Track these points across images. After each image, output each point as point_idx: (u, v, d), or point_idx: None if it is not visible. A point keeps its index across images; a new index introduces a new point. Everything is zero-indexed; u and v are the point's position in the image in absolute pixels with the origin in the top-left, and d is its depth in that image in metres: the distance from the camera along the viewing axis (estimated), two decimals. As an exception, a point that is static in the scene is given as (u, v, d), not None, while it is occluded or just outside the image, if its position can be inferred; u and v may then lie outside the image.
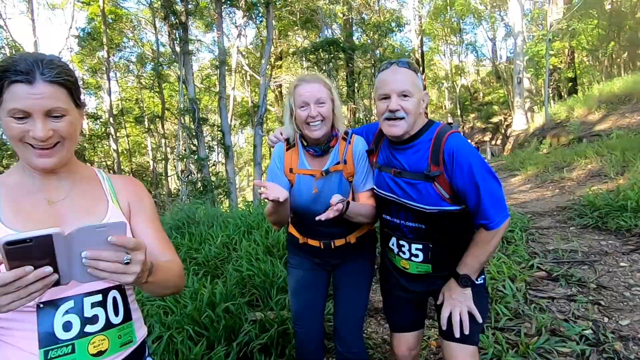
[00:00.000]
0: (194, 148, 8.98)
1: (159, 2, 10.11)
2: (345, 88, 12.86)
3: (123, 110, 18.60)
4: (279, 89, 17.31)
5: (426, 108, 1.38)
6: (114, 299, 0.86)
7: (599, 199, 4.31)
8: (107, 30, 14.81)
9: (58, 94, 0.79)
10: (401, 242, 1.41)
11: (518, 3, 14.45)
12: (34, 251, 0.60)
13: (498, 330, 2.29)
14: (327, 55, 11.45)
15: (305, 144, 1.49)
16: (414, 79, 1.30)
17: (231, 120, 13.75)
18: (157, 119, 17.61)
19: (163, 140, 18.83)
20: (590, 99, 11.72)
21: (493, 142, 20.00)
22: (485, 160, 1.34)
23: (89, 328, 0.81)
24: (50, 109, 0.78)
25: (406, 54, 16.71)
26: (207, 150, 8.97)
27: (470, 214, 1.30)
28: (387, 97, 1.30)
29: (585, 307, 2.51)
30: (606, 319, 2.38)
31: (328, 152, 1.48)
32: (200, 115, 9.28)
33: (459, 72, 25.45)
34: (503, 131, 19.86)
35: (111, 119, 15.53)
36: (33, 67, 0.77)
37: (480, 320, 1.32)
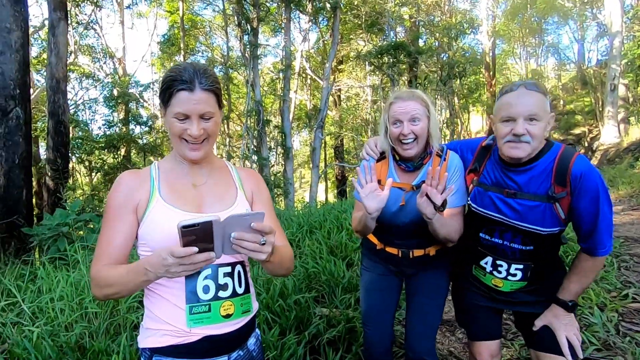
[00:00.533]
0: (255, 148, 9.34)
1: (232, 9, 10.67)
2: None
3: None
4: (338, 93, 17.45)
5: (551, 129, 1.33)
6: (239, 272, 1.03)
7: None
8: (185, 36, 16.01)
9: (210, 99, 0.98)
10: (499, 262, 1.40)
11: (616, -1, 12.68)
12: (199, 232, 0.80)
13: (584, 360, 2.05)
14: (390, 60, 11.14)
15: (397, 158, 1.50)
16: (543, 102, 1.25)
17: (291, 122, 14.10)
18: (224, 119, 18.78)
19: (227, 140, 19.98)
20: None
21: (574, 156, 17.86)
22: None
23: (221, 293, 0.99)
24: (204, 112, 0.97)
25: (477, 56, 15.62)
26: (268, 151, 9.26)
27: (579, 236, 1.31)
28: (511, 120, 1.26)
29: None
30: None
31: (420, 168, 1.48)
32: (264, 118, 9.62)
33: (537, 77, 23.20)
34: (586, 144, 17.67)
35: None
36: (193, 77, 0.95)
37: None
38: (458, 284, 1.62)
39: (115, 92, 14.16)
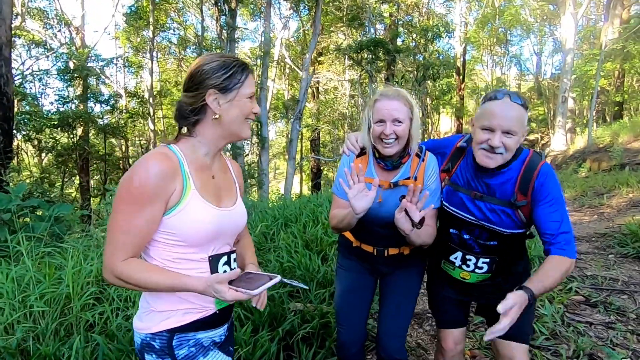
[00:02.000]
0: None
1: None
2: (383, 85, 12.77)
3: (162, 91, 18.62)
4: (317, 85, 17.14)
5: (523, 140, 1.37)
6: (235, 258, 1.17)
7: (643, 230, 4.25)
8: (154, 10, 14.78)
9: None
10: (468, 257, 1.48)
11: (572, 18, 13.88)
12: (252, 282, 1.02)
13: (535, 348, 2.37)
14: (370, 56, 11.37)
15: (377, 155, 1.50)
16: (523, 117, 1.29)
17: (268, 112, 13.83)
18: None
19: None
20: (637, 125, 11.27)
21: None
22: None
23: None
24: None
25: (450, 60, 16.37)
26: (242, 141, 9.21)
27: (545, 240, 1.32)
28: (490, 130, 1.28)
29: (624, 335, 2.55)
30: (646, 350, 2.43)
31: (398, 167, 1.49)
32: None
33: (500, 84, 24.69)
34: (539, 150, 19.23)
35: (151, 99, 15.63)
36: (248, 65, 1.10)
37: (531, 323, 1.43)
38: (430, 277, 1.68)
39: (71, 65, 12.84)
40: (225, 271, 1.09)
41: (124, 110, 15.10)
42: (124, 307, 2.23)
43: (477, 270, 1.48)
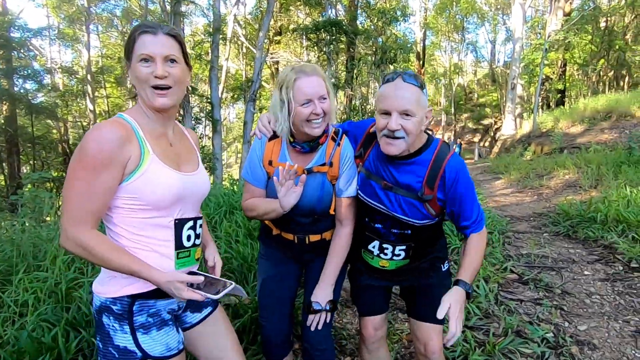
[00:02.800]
0: (180, 118, 8.65)
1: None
2: (344, 73, 12.63)
3: (103, 68, 17.32)
4: (276, 66, 16.70)
5: (429, 124, 1.33)
6: (200, 225, 1.19)
7: (572, 209, 4.52)
8: None
9: (173, 45, 1.04)
10: (385, 246, 1.44)
11: (521, 8, 14.44)
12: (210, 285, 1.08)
13: (468, 329, 2.39)
14: (328, 37, 11.12)
15: (291, 139, 1.38)
16: (419, 97, 1.23)
17: (222, 92, 13.25)
18: None
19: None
20: (575, 112, 12.08)
21: (482, 144, 20.39)
22: (473, 161, 1.43)
23: (196, 241, 1.17)
24: (167, 54, 1.02)
25: (408, 45, 16.51)
26: (193, 122, 8.70)
27: (460, 225, 1.38)
28: (387, 114, 1.24)
29: (549, 311, 2.66)
30: (567, 324, 2.53)
31: (315, 150, 1.40)
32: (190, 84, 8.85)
33: (457, 70, 25.48)
34: (492, 134, 20.26)
35: (89, 76, 14.35)
36: (157, 26, 1.03)
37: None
38: (351, 266, 1.63)
39: None
40: (189, 236, 1.13)
41: (55, 89, 13.67)
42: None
43: (395, 258, 1.46)
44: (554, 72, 15.61)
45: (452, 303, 1.17)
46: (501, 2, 20.18)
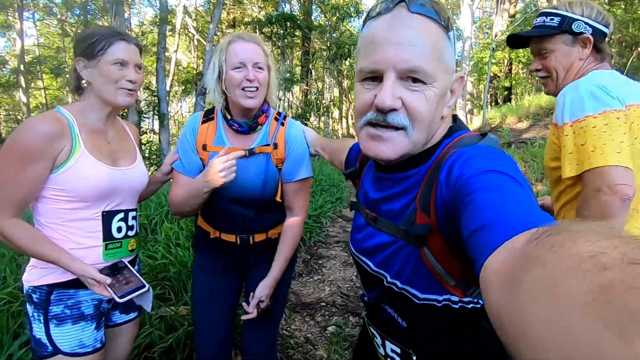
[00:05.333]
0: (124, 112, 8.00)
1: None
2: (299, 68, 12.47)
3: (40, 58, 16.16)
4: None
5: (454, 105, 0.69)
6: (135, 217, 1.24)
7: (520, 202, 4.64)
8: None
9: (138, 51, 1.16)
10: (372, 330, 0.81)
11: (469, 9, 15.09)
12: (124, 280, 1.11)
13: None
14: (282, 31, 10.88)
15: (229, 117, 1.24)
16: (441, 44, 0.61)
17: (171, 85, 12.60)
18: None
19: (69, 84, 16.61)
20: (521, 108, 12.83)
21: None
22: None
23: (129, 232, 1.20)
24: (137, 62, 1.15)
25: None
26: (137, 117, 8.05)
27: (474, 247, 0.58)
28: (375, 78, 0.63)
29: None
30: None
31: (255, 130, 1.26)
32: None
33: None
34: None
35: (21, 67, 13.14)
36: (124, 33, 1.13)
37: None
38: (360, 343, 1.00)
39: None
40: (120, 228, 1.17)
41: None
42: None
43: None
44: (501, 70, 16.53)
45: None
46: (451, 3, 21.02)
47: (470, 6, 15.05)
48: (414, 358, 0.70)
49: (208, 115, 1.29)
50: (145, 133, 10.03)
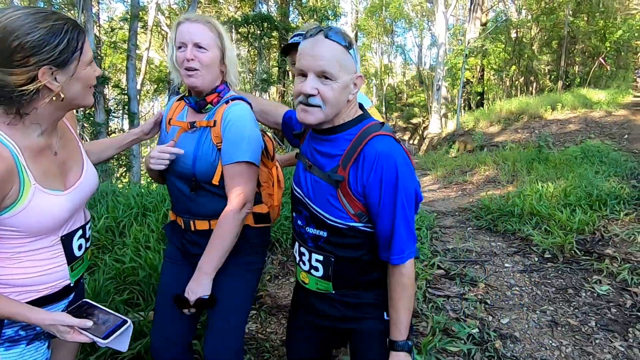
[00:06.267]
0: (91, 110, 7.63)
1: None
2: (276, 69, 12.35)
3: None
4: None
5: (357, 93, 1.08)
6: (90, 227, 1.17)
7: (493, 203, 4.73)
8: None
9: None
10: (302, 250, 1.15)
11: (443, 17, 15.53)
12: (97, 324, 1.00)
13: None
14: (259, 32, 10.78)
15: (186, 94, 1.33)
16: (342, 57, 0.99)
17: (142, 84, 12.17)
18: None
19: None
20: (492, 113, 13.26)
21: (411, 142, 21.61)
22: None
23: (87, 244, 1.15)
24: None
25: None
26: (105, 116, 7.69)
27: (377, 243, 1.06)
28: (304, 75, 1.01)
29: (474, 305, 2.65)
30: (490, 318, 2.53)
31: (204, 108, 1.28)
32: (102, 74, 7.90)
33: (388, 71, 26.73)
34: (421, 132, 21.51)
35: None
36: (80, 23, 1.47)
37: None
38: (292, 298, 1.35)
39: None
40: (80, 245, 1.11)
41: None
42: None
43: (313, 272, 1.13)
44: (473, 76, 17.08)
45: None
46: (426, 10, 21.61)
47: (444, 14, 15.50)
48: (332, 259, 1.10)
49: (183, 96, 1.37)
50: (114, 133, 9.57)
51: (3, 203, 0.88)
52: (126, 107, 8.20)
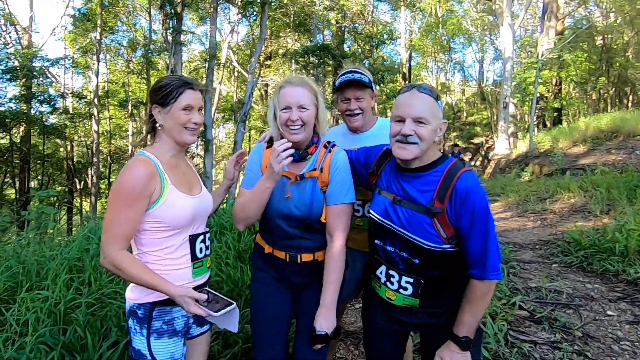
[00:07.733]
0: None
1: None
2: (332, 95, 12.69)
3: (108, 92, 18.81)
4: (265, 88, 17.31)
5: (442, 136, 1.32)
6: (209, 238, 1.45)
7: (585, 237, 4.13)
8: (103, 12, 14.98)
9: (201, 96, 1.36)
10: (391, 272, 1.36)
11: (510, 29, 14.62)
12: (215, 303, 1.25)
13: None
14: (316, 60, 11.26)
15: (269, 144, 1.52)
16: (433, 106, 1.26)
17: (214, 114, 13.38)
18: (141, 105, 17.60)
19: (145, 127, 18.34)
20: (575, 131, 11.78)
21: (473, 163, 20.25)
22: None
23: (207, 252, 1.41)
24: (200, 106, 1.35)
25: (395, 66, 16.70)
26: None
27: (468, 261, 1.25)
28: (401, 120, 1.26)
29: (570, 357, 2.30)
30: (594, 376, 2.14)
31: (306, 159, 1.47)
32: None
33: (445, 89, 25.76)
34: (483, 153, 20.10)
35: (96, 100, 15.58)
36: (189, 80, 1.33)
37: None
38: (364, 304, 1.57)
39: (16, 64, 12.72)
40: (201, 248, 1.37)
41: (65, 111, 15.06)
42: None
43: (401, 291, 1.34)
44: (548, 91, 15.60)
45: (444, 358, 1.28)
46: (488, 23, 20.57)
47: (511, 26, 14.61)
48: (422, 281, 1.30)
49: (271, 143, 1.50)
50: (192, 157, 10.68)
51: (152, 197, 1.22)
52: (202, 134, 9.18)
